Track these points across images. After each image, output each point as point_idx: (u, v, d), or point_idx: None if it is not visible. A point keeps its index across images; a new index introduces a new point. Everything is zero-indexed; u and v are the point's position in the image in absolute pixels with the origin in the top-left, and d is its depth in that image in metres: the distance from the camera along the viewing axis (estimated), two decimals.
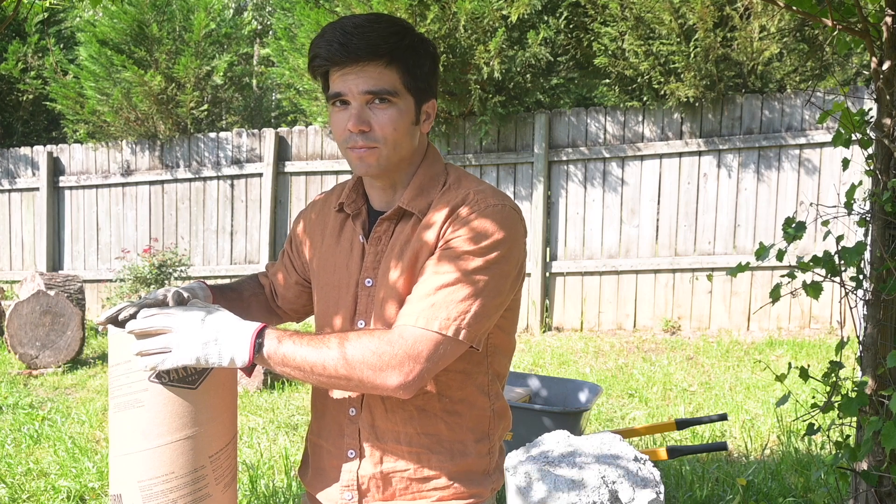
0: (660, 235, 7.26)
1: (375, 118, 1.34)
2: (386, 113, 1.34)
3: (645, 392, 5.37)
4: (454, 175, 1.46)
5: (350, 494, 1.44)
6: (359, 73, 1.32)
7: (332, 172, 8.12)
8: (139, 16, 8.72)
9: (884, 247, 2.12)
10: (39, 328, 6.41)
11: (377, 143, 1.35)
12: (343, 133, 1.37)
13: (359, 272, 1.45)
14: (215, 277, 8.55)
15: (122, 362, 1.29)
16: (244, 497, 3.55)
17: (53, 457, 4.21)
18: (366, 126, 1.34)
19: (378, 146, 1.35)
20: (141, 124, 8.82)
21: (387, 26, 1.34)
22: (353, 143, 1.36)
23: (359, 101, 1.34)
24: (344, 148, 1.39)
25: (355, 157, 1.37)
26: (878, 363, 2.12)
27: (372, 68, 1.32)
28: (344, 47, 1.31)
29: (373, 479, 1.43)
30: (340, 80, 1.34)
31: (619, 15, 7.02)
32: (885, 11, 2.12)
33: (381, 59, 1.32)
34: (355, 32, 1.32)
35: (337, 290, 1.47)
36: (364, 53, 1.31)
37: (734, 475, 3.61)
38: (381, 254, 1.43)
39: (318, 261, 1.53)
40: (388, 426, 1.42)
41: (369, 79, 1.33)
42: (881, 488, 2.17)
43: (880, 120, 2.14)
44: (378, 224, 1.44)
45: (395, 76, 1.34)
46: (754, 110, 6.96)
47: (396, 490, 1.43)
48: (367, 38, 1.31)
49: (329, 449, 1.48)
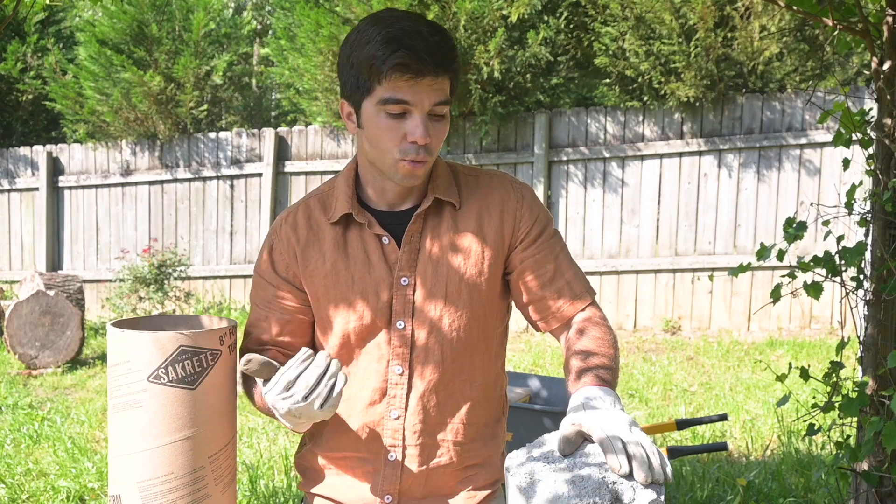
0: (660, 235, 7.26)
1: (434, 130, 1.33)
2: (441, 124, 1.34)
3: (645, 392, 5.36)
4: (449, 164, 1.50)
5: (390, 497, 1.43)
6: (432, 84, 1.30)
7: (331, 172, 8.11)
8: (139, 16, 8.71)
9: (884, 247, 2.12)
10: (39, 328, 6.40)
11: (431, 156, 1.35)
12: (400, 143, 1.32)
13: (389, 274, 1.41)
14: (215, 277, 8.56)
15: (122, 363, 1.29)
16: (244, 497, 3.55)
17: (53, 457, 4.21)
18: (430, 139, 1.33)
19: (429, 159, 1.35)
20: (140, 124, 8.82)
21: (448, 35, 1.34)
22: (412, 154, 1.32)
23: (424, 112, 1.31)
24: (392, 158, 1.34)
25: (407, 169, 1.34)
26: (879, 363, 2.12)
27: (442, 81, 1.31)
28: (432, 58, 1.28)
29: (417, 477, 1.43)
30: (409, 89, 1.29)
31: (620, 15, 7.02)
32: (885, 11, 2.12)
33: (451, 72, 1.33)
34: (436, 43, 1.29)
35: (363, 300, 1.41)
36: (446, 65, 1.30)
37: (734, 475, 3.61)
38: (415, 250, 1.41)
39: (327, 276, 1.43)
40: (438, 420, 1.42)
41: (440, 91, 1.31)
42: (882, 489, 2.17)
43: (881, 120, 2.14)
44: (413, 222, 1.41)
45: (449, 85, 1.34)
46: (755, 110, 6.96)
47: (437, 485, 1.44)
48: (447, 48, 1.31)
49: (362, 457, 1.45)
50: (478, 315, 1.43)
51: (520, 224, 1.43)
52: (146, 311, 7.90)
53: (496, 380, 1.50)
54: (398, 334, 1.41)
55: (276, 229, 1.49)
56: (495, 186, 1.45)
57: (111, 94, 8.67)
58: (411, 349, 1.41)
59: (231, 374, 1.38)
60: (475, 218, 1.42)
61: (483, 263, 1.41)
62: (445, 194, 1.42)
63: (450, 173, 1.46)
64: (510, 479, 1.12)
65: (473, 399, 1.45)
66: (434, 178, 1.43)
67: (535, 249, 1.42)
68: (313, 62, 7.77)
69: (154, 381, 1.27)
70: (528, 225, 1.43)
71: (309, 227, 1.46)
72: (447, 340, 1.41)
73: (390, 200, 1.44)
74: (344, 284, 1.42)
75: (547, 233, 1.44)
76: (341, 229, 1.44)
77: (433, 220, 1.42)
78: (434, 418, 1.42)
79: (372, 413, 1.43)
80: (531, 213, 1.43)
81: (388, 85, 1.29)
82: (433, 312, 1.40)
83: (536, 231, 1.43)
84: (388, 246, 1.42)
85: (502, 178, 1.47)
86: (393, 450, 1.43)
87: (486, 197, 1.44)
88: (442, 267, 1.40)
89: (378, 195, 1.44)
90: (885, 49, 2.10)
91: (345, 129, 8.06)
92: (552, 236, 1.45)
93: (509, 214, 1.43)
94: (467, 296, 1.41)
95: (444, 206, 1.43)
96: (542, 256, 1.42)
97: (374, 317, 1.41)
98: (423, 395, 1.41)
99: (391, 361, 1.41)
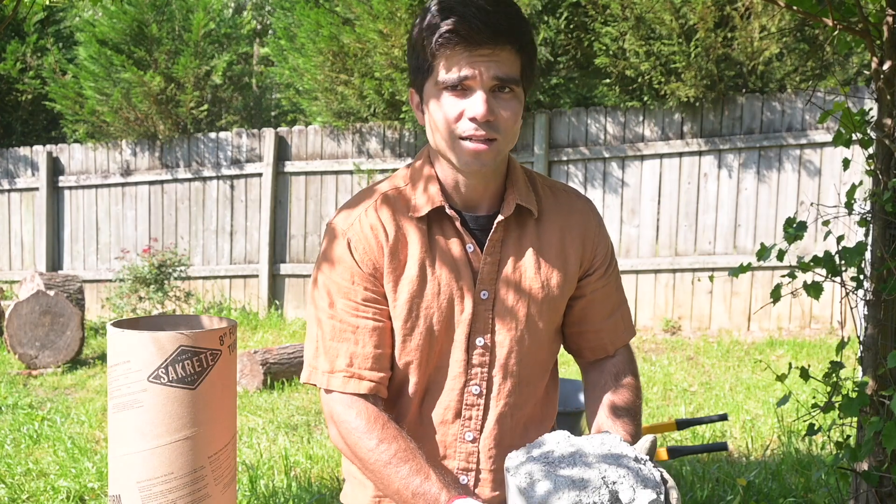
0: (660, 235, 7.26)
1: (501, 107, 1.22)
2: (510, 103, 1.23)
3: (645, 392, 5.36)
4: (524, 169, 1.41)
5: None
6: (491, 56, 1.19)
7: (331, 172, 8.11)
8: (139, 16, 8.71)
9: (884, 247, 2.11)
10: (39, 328, 6.40)
11: (498, 134, 1.22)
12: (457, 120, 1.22)
13: (472, 284, 1.30)
14: (215, 277, 8.56)
15: (122, 363, 1.29)
16: (244, 497, 3.54)
17: (53, 457, 4.21)
18: (493, 116, 1.21)
19: (498, 138, 1.23)
20: (140, 124, 8.82)
21: (517, 10, 1.24)
22: (472, 132, 1.21)
23: (486, 87, 1.20)
24: (453, 139, 1.23)
25: (471, 151, 1.22)
26: (879, 363, 2.12)
27: (506, 53, 1.21)
28: (487, 25, 1.17)
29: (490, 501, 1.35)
30: (467, 63, 1.19)
31: (620, 15, 7.02)
32: (885, 11, 2.12)
33: (515, 45, 1.21)
34: (495, 10, 1.19)
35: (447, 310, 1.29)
36: (505, 34, 1.19)
37: (734, 475, 3.60)
38: (495, 262, 1.30)
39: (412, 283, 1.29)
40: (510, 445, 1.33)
41: (502, 64, 1.20)
42: (882, 489, 2.17)
43: (881, 120, 2.14)
44: (495, 230, 1.30)
45: (519, 64, 1.23)
46: (755, 110, 6.96)
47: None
48: (508, 17, 1.20)
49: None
50: (552, 336, 1.38)
51: (597, 251, 1.38)
52: (146, 311, 7.90)
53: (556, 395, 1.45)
54: (477, 352, 1.31)
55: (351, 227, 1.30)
56: (577, 207, 1.38)
57: (111, 95, 8.67)
58: (490, 368, 1.32)
59: (231, 373, 1.38)
60: (558, 234, 1.34)
61: (563, 284, 1.35)
62: (526, 201, 1.31)
63: (527, 179, 1.37)
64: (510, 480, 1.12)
65: (542, 418, 1.40)
66: (513, 182, 1.32)
67: (605, 280, 1.39)
68: (313, 62, 7.77)
69: (154, 381, 1.27)
70: (603, 253, 1.39)
71: (395, 222, 1.30)
72: (525, 362, 1.33)
73: (466, 198, 1.31)
74: (430, 291, 1.29)
75: (614, 262, 1.41)
76: (424, 228, 1.30)
77: (515, 230, 1.32)
78: (508, 441, 1.34)
79: (443, 434, 1.33)
80: (605, 242, 1.40)
81: (443, 59, 1.21)
82: (512, 331, 1.31)
83: (609, 261, 1.40)
84: (472, 253, 1.31)
85: (582, 199, 1.40)
86: (466, 474, 1.34)
87: (568, 215, 1.36)
88: (524, 283, 1.31)
89: (453, 192, 1.31)
90: (885, 49, 2.10)
91: (345, 129, 8.06)
92: (615, 266, 1.42)
93: (590, 240, 1.37)
94: (546, 315, 1.33)
95: (525, 216, 1.33)
96: (610, 289, 1.40)
97: (456, 330, 1.30)
98: (500, 417, 1.32)
99: (469, 381, 1.32)
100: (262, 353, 5.91)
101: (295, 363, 6.01)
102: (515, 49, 1.22)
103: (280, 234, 8.38)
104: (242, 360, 5.81)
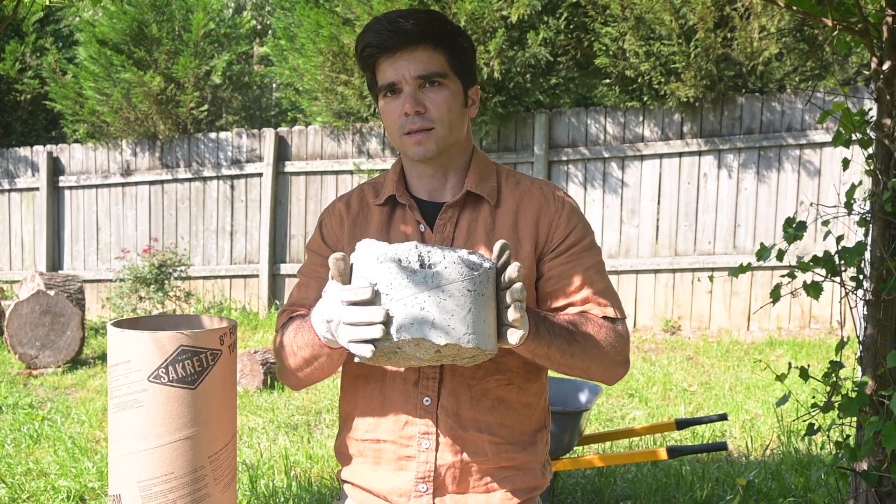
0: (660, 235, 7.26)
1: (429, 100, 1.38)
2: (439, 94, 1.38)
3: (645, 392, 5.36)
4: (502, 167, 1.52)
5: (426, 486, 1.41)
6: (409, 57, 1.36)
7: (332, 172, 8.11)
8: (138, 16, 8.71)
9: (884, 247, 2.12)
10: (39, 328, 6.40)
11: (433, 123, 1.38)
12: (398, 119, 1.39)
13: None
14: (215, 277, 8.56)
15: (122, 362, 1.29)
16: (244, 497, 3.55)
17: (53, 457, 4.21)
18: (421, 107, 1.37)
19: (434, 127, 1.38)
20: (141, 124, 8.82)
21: (430, 14, 1.40)
22: (409, 126, 1.38)
23: (412, 85, 1.37)
24: (399, 136, 1.40)
25: (413, 142, 1.39)
26: (879, 363, 2.12)
27: (421, 52, 1.36)
28: (394, 33, 1.35)
29: (450, 468, 1.41)
30: (391, 69, 1.38)
31: (620, 15, 7.02)
32: (885, 11, 2.12)
33: (430, 42, 1.37)
34: (402, 19, 1.36)
35: None
36: (414, 37, 1.36)
37: (734, 475, 3.61)
38: (446, 241, 1.43)
39: None
40: (471, 415, 1.41)
41: (419, 62, 1.36)
42: (881, 488, 2.17)
43: (880, 120, 2.14)
44: (444, 211, 1.44)
45: (442, 59, 1.38)
46: (754, 110, 6.96)
47: (471, 482, 1.42)
48: (415, 22, 1.36)
49: (396, 442, 1.43)
50: None
51: (553, 233, 1.43)
52: (146, 311, 7.90)
53: (540, 390, 1.49)
54: None
55: (329, 208, 1.54)
56: (535, 193, 1.46)
57: (111, 95, 8.67)
58: None
59: (232, 373, 1.38)
60: (512, 218, 1.43)
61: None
62: (478, 188, 1.43)
63: (492, 171, 1.49)
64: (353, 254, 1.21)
65: (510, 402, 1.43)
66: (471, 173, 1.45)
67: (564, 259, 1.42)
68: (313, 62, 7.77)
69: (154, 381, 1.27)
70: (563, 235, 1.42)
71: (360, 206, 1.51)
72: None
73: (429, 188, 1.47)
74: None
75: (581, 245, 1.43)
76: (387, 212, 1.48)
77: (469, 214, 1.44)
78: (467, 412, 1.41)
79: (407, 397, 1.42)
80: (567, 224, 1.43)
81: (376, 71, 1.40)
82: None
83: (570, 242, 1.43)
84: (425, 234, 1.44)
85: (546, 187, 1.48)
86: (426, 438, 1.41)
87: (524, 200, 1.45)
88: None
89: (417, 182, 1.47)
90: (884, 49, 2.11)
91: (345, 129, 8.06)
92: (586, 249, 1.44)
93: (545, 222, 1.43)
94: None
95: (482, 203, 1.44)
96: (570, 267, 1.41)
97: None
98: (455, 386, 1.40)
99: None
100: (262, 353, 5.91)
101: None
102: (432, 46, 1.37)
103: (280, 234, 8.38)
104: (242, 360, 5.81)
